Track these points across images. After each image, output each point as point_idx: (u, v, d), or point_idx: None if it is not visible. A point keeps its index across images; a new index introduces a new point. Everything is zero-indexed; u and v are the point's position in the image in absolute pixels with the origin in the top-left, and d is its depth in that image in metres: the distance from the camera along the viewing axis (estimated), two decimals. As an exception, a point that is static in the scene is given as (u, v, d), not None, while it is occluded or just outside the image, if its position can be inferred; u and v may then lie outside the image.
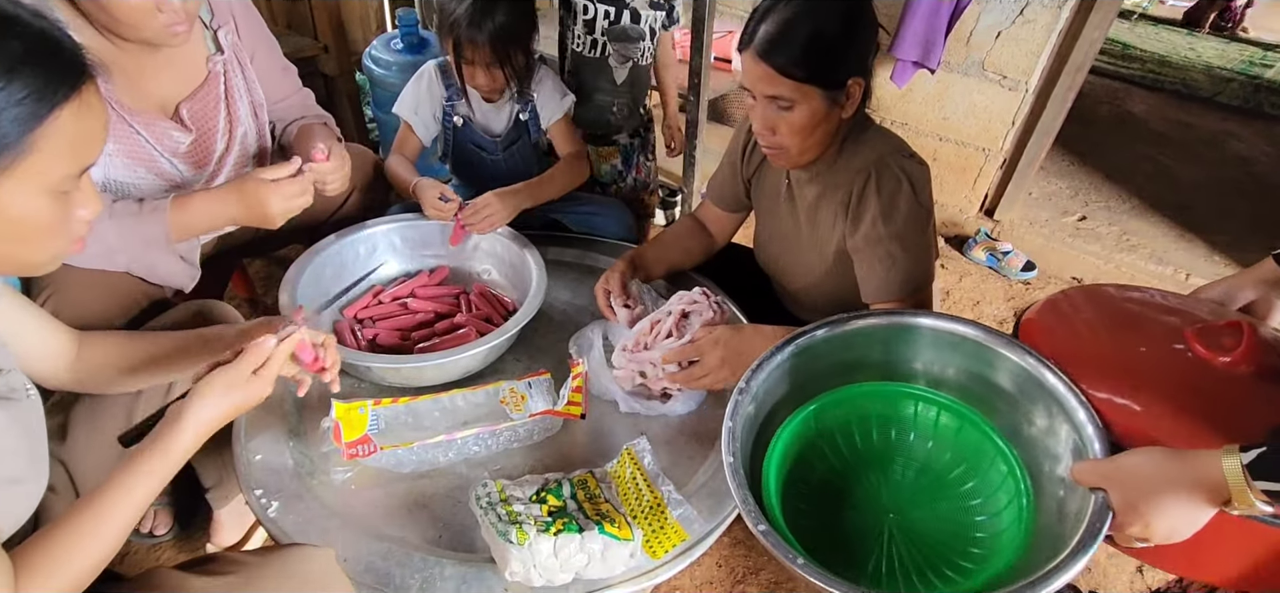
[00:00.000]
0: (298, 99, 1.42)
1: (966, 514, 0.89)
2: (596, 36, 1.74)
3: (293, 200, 1.17)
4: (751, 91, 1.10)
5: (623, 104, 1.85)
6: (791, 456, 0.93)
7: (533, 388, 1.15)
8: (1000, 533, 0.82)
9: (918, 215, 1.13)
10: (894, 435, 0.98)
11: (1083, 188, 2.82)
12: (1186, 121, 3.57)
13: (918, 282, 1.14)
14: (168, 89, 1.20)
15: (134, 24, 1.05)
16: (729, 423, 0.88)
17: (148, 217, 1.11)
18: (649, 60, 1.84)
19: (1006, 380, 0.93)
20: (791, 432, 0.92)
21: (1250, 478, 0.65)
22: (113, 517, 0.71)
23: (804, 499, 0.92)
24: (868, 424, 0.98)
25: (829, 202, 1.22)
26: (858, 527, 0.91)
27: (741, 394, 0.92)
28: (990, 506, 0.88)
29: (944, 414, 0.94)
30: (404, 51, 2.32)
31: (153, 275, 1.15)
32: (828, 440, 0.97)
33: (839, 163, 1.19)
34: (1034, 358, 0.89)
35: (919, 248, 1.13)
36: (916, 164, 1.14)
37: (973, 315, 2.19)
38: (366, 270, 1.40)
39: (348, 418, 1.05)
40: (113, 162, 1.15)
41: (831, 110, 1.09)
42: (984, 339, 0.94)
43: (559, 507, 0.93)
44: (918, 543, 0.88)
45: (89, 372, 0.93)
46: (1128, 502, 0.73)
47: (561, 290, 1.45)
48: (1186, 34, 5.13)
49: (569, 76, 1.83)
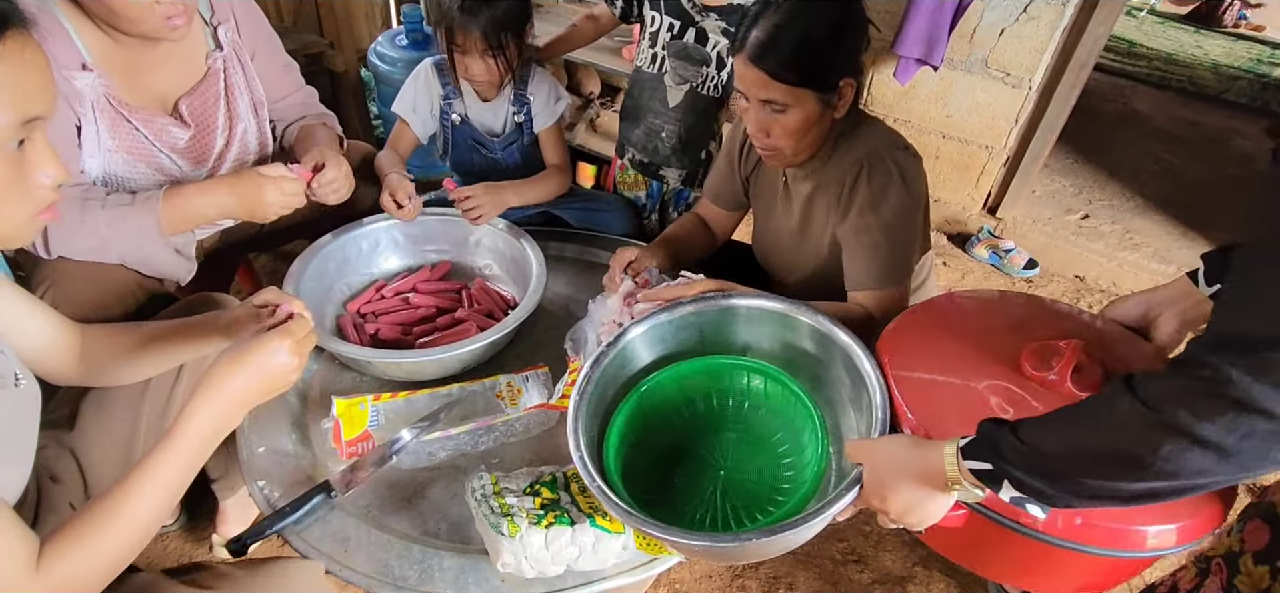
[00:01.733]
0: (299, 97, 1.44)
1: (779, 467, 1.02)
2: (657, 51, 1.63)
3: (288, 197, 1.19)
4: (744, 95, 1.11)
5: (673, 132, 1.70)
6: (637, 424, 1.04)
7: (529, 382, 1.17)
8: (803, 481, 0.92)
9: (906, 206, 1.14)
10: (731, 403, 1.09)
11: (1086, 186, 2.81)
12: (1192, 119, 3.56)
13: (898, 274, 1.15)
14: (167, 84, 1.21)
15: (132, 18, 1.06)
16: (575, 397, 0.98)
17: (140, 208, 1.13)
18: (713, 92, 1.65)
19: (810, 344, 1.07)
20: (633, 405, 1.03)
21: (961, 460, 0.71)
22: (125, 510, 0.70)
23: (648, 461, 1.04)
24: (710, 395, 1.09)
25: (823, 196, 1.23)
26: (692, 484, 1.03)
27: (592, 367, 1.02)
28: (799, 459, 1.00)
29: (768, 382, 1.05)
30: (409, 48, 2.33)
31: (148, 268, 1.17)
32: (675, 410, 1.08)
33: (833, 159, 1.20)
34: (828, 320, 1.02)
35: (904, 240, 1.15)
36: (909, 156, 1.16)
37: (974, 313, 2.19)
38: (370, 266, 1.41)
39: (349, 415, 1.06)
40: (112, 157, 1.17)
41: (824, 112, 1.10)
42: (788, 310, 1.06)
43: (552, 499, 0.94)
44: (738, 494, 1.01)
45: (93, 362, 0.94)
46: (875, 480, 0.80)
47: (562, 285, 1.46)
48: (1194, 31, 5.10)
49: (626, 94, 1.77)
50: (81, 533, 0.68)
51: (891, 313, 1.15)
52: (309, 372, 1.22)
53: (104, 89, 1.13)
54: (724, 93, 1.68)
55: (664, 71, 1.65)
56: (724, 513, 0.98)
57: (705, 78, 1.64)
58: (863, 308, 1.17)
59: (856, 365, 0.97)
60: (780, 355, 1.09)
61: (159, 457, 0.72)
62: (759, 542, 0.81)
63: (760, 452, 1.05)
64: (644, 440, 1.05)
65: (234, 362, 0.77)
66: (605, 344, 1.05)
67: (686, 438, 1.08)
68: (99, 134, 1.15)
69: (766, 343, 1.11)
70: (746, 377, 1.07)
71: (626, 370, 1.08)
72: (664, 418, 1.08)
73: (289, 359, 0.80)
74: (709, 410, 1.09)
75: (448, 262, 1.45)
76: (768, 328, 1.10)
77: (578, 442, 0.92)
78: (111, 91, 1.14)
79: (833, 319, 1.02)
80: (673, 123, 1.70)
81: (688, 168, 1.77)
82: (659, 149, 1.74)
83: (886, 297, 1.16)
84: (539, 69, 1.61)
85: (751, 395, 1.08)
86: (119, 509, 0.70)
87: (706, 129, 1.73)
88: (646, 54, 1.67)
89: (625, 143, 1.82)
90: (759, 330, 1.11)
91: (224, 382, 0.76)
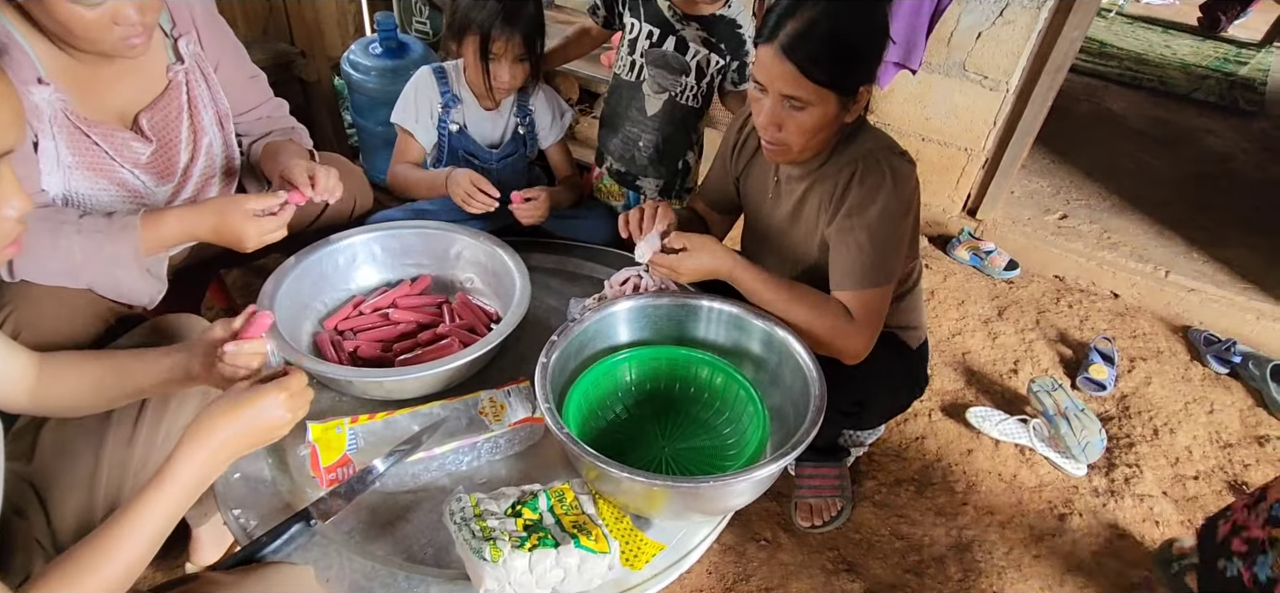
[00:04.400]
0: (267, 109, 1.39)
1: (722, 441, 1.15)
2: (636, 58, 1.62)
3: (268, 235, 1.16)
4: (763, 85, 1.09)
5: (650, 142, 1.69)
6: (593, 398, 1.14)
7: (512, 396, 1.14)
8: (746, 447, 1.07)
9: (894, 210, 1.13)
10: (677, 388, 1.20)
11: (1064, 186, 2.84)
12: (1164, 118, 3.62)
13: (880, 277, 1.15)
14: (126, 99, 1.17)
15: (89, 38, 1.01)
16: (543, 357, 1.07)
17: (117, 234, 1.08)
18: (693, 102, 1.64)
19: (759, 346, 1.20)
20: (590, 380, 1.13)
21: None
22: (111, 555, 0.69)
23: (598, 432, 1.15)
24: (660, 380, 1.21)
25: (815, 196, 1.22)
26: (639, 457, 1.14)
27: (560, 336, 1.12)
28: (740, 432, 1.13)
29: (717, 374, 1.17)
30: (383, 56, 2.29)
31: (117, 293, 1.12)
32: (627, 390, 1.20)
33: (830, 159, 1.19)
34: (769, 322, 1.16)
35: (889, 242, 1.14)
36: (903, 161, 1.16)
37: (957, 315, 2.20)
38: (348, 281, 1.37)
39: (325, 439, 1.03)
40: (73, 175, 1.12)
41: (839, 114, 1.11)
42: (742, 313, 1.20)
43: (535, 520, 0.92)
44: (684, 464, 1.13)
45: (51, 395, 0.89)
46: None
47: (546, 296, 1.43)
48: (1162, 31, 5.20)
49: (605, 103, 1.77)
50: (67, 578, 0.66)
51: (872, 314, 1.15)
52: (285, 393, 1.17)
53: (61, 104, 1.08)
54: (704, 103, 1.66)
55: (642, 79, 1.63)
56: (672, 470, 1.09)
57: (684, 87, 1.62)
58: (841, 305, 1.16)
59: (799, 365, 1.10)
60: (732, 351, 1.22)
61: (144, 503, 0.71)
62: (709, 487, 0.94)
63: (703, 433, 1.17)
64: (597, 414, 1.15)
65: (226, 414, 0.76)
66: (573, 320, 1.15)
67: (637, 418, 1.19)
68: (58, 150, 1.10)
69: (722, 339, 1.23)
70: (696, 367, 1.18)
71: (589, 348, 1.18)
72: (617, 397, 1.18)
73: (282, 414, 0.79)
74: (658, 395, 1.20)
75: (427, 275, 1.42)
76: (723, 327, 1.23)
77: (546, 393, 1.00)
78: (68, 107, 1.09)
79: (782, 324, 1.14)
80: (651, 132, 1.68)
81: (665, 178, 1.75)
82: (636, 159, 1.73)
83: (868, 297, 1.15)
84: (538, 81, 1.63)
85: (700, 383, 1.19)
86: (105, 555, 0.68)
87: (684, 139, 1.72)
88: (625, 61, 1.65)
89: (603, 151, 1.81)
90: (715, 328, 1.23)
91: (214, 433, 0.75)
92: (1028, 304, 2.27)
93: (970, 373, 1.98)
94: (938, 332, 2.12)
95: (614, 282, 1.31)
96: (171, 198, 1.28)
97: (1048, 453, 1.73)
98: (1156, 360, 2.08)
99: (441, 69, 1.59)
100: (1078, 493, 1.66)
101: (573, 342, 1.13)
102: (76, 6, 0.97)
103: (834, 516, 1.51)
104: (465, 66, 1.55)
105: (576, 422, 1.08)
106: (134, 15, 1.02)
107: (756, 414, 1.09)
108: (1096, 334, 2.15)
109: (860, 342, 1.17)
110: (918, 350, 1.42)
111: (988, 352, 2.07)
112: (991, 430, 1.76)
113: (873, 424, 1.66)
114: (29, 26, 1.04)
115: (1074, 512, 1.61)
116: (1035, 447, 1.74)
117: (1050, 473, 1.71)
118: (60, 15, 0.98)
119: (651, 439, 1.16)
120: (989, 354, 2.06)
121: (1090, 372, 1.95)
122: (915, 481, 1.66)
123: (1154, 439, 1.82)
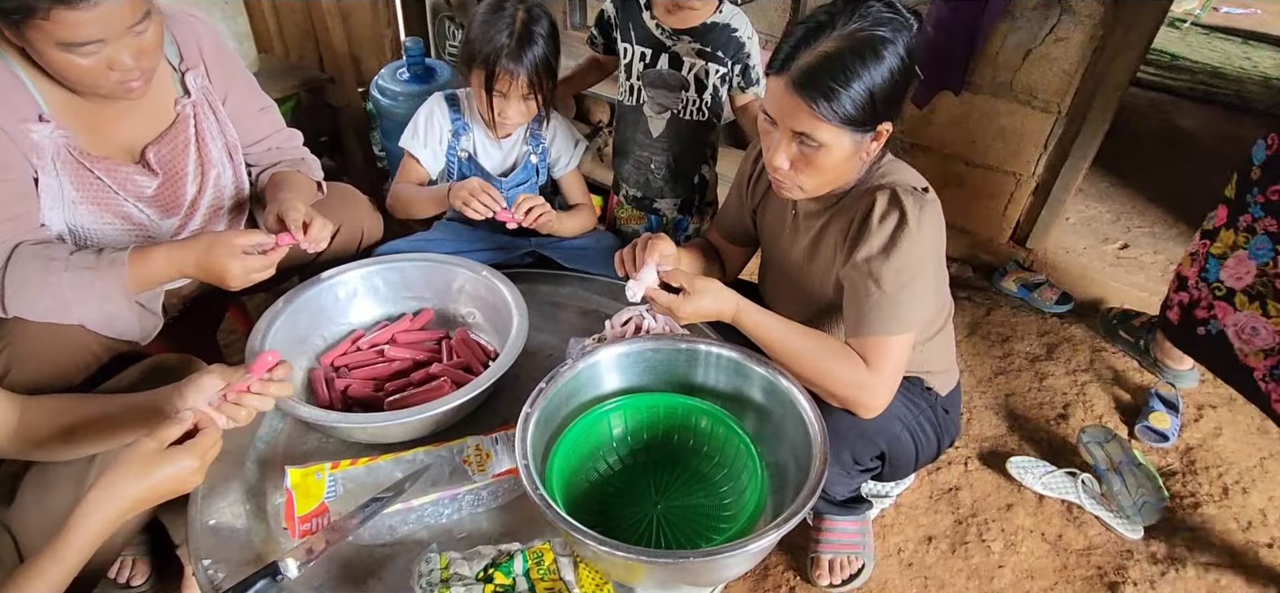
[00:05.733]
0: (277, 140, 1.39)
1: (719, 500, 1.07)
2: (633, 81, 1.60)
3: (253, 274, 1.13)
4: (773, 119, 1.02)
5: (662, 163, 1.67)
6: (583, 449, 1.08)
7: (500, 444, 1.09)
8: (741, 519, 0.96)
9: (917, 253, 1.04)
10: (675, 439, 1.13)
11: (1125, 212, 2.65)
12: (1239, 135, 3.34)
13: (898, 324, 1.04)
14: (133, 133, 1.18)
15: (85, 84, 1.02)
16: (527, 408, 1.00)
17: (105, 270, 1.08)
18: (698, 115, 1.60)
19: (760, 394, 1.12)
20: (579, 431, 1.06)
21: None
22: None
23: (587, 487, 1.09)
24: (656, 430, 1.13)
25: (833, 231, 1.14)
26: (629, 515, 1.06)
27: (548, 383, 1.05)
28: (737, 491, 1.05)
29: (714, 423, 1.09)
30: (410, 81, 2.30)
31: (109, 329, 1.12)
32: (620, 441, 1.13)
33: (849, 194, 1.11)
34: (771, 369, 1.08)
35: (910, 288, 1.04)
36: (927, 200, 1.06)
37: (1001, 353, 2.05)
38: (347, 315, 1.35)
39: (304, 485, 0.99)
40: (77, 209, 1.13)
41: (856, 153, 1.02)
42: (742, 359, 1.11)
43: (507, 586, 0.86)
44: (675, 528, 1.05)
45: (32, 439, 0.89)
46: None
47: (547, 335, 1.38)
48: (1242, 42, 4.85)
49: (615, 132, 1.74)
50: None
51: (891, 366, 1.06)
52: (274, 432, 1.15)
53: (64, 140, 1.09)
54: (711, 114, 1.62)
55: (643, 102, 1.62)
56: (660, 544, 1.02)
57: (685, 102, 1.59)
58: (858, 356, 1.07)
59: (802, 418, 1.01)
60: (734, 398, 1.14)
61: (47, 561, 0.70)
62: (695, 563, 0.86)
63: (700, 489, 1.09)
64: (586, 467, 1.09)
65: (134, 478, 0.75)
66: (568, 362, 1.08)
67: (630, 469, 1.12)
68: (61, 186, 1.11)
69: (723, 386, 1.15)
70: (694, 417, 1.11)
71: (581, 395, 1.11)
72: (608, 448, 1.12)
73: (191, 463, 0.79)
74: (654, 445, 1.13)
75: (429, 310, 1.39)
76: (724, 373, 1.14)
77: (525, 450, 0.93)
78: (72, 142, 1.10)
79: (785, 373, 1.06)
80: (660, 152, 1.66)
81: (682, 195, 1.73)
82: (650, 182, 1.71)
83: (887, 346, 1.05)
84: (554, 112, 1.60)
85: (699, 435, 1.12)
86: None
87: (698, 154, 1.68)
88: (624, 86, 1.64)
89: (619, 179, 1.79)
90: (715, 373, 1.15)
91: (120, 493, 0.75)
92: (1081, 343, 2.10)
93: (1013, 418, 1.84)
94: (978, 371, 1.98)
95: (615, 322, 1.25)
96: (178, 230, 1.28)
97: (1098, 512, 1.57)
98: (1228, 409, 1.89)
99: (454, 96, 1.59)
100: (1132, 559, 1.51)
101: (562, 389, 1.07)
102: (71, 56, 0.98)
103: (855, 574, 1.41)
104: (474, 96, 1.52)
105: (563, 475, 1.02)
106: (129, 61, 1.02)
107: (754, 474, 1.01)
108: (1158, 378, 1.97)
109: (878, 398, 1.07)
110: (948, 396, 1.31)
111: (1034, 394, 1.91)
112: (1035, 484, 1.62)
113: (899, 478, 1.54)
114: (32, 66, 1.05)
115: (1127, 581, 1.46)
116: (1084, 504, 1.59)
117: (1101, 535, 1.55)
118: (55, 62, 0.99)
119: (644, 495, 1.09)
120: (1035, 397, 1.90)
121: (1151, 420, 1.78)
122: (947, 537, 1.53)
123: (1223, 500, 1.64)
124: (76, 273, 1.06)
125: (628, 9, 1.56)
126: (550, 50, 1.43)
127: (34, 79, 1.06)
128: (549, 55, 1.42)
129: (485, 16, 1.39)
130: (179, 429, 0.81)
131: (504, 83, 1.40)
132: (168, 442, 0.79)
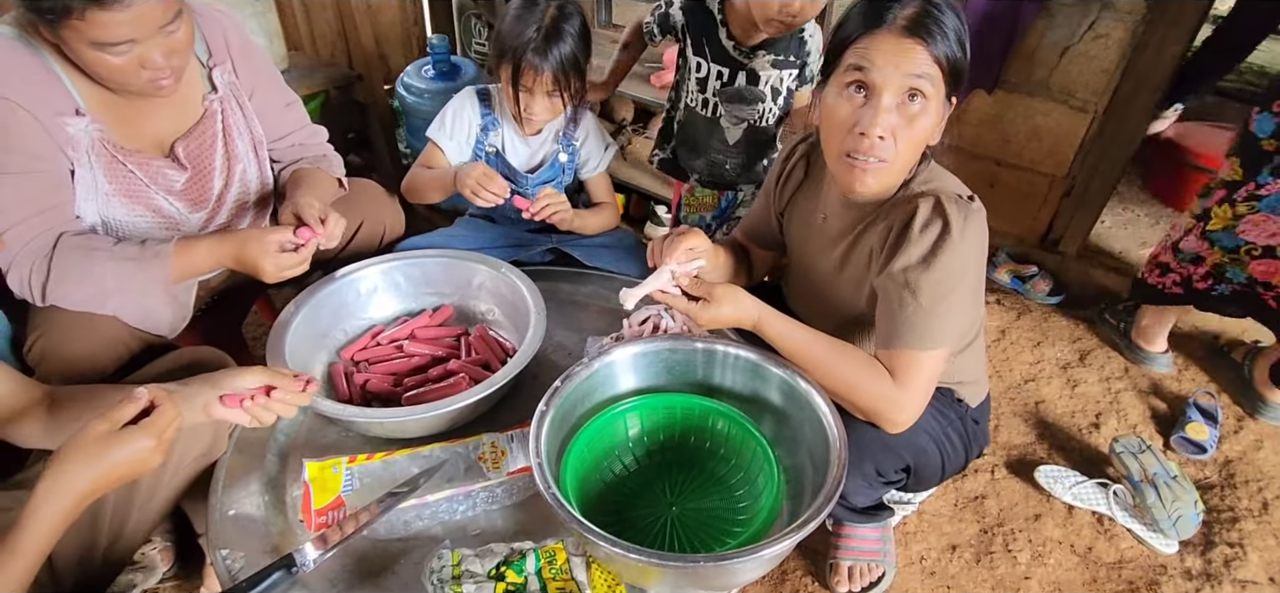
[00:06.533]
0: (301, 136, 1.41)
1: (734, 503, 1.06)
2: (708, 96, 1.62)
3: (287, 270, 1.16)
4: (873, 84, 0.97)
5: (737, 164, 1.73)
6: (597, 449, 1.07)
7: (515, 442, 1.09)
8: (756, 522, 0.98)
9: (959, 266, 1.00)
10: (691, 441, 1.12)
11: (1165, 216, 2.56)
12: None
13: (936, 340, 1.01)
14: (163, 128, 1.20)
15: (117, 81, 1.04)
16: (542, 406, 1.00)
17: (149, 262, 1.11)
18: (771, 121, 1.65)
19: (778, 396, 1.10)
20: (594, 431, 1.05)
21: None
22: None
23: (601, 488, 1.08)
24: (672, 431, 1.13)
25: (868, 241, 1.11)
26: (644, 516, 1.05)
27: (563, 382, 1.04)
28: (753, 494, 1.04)
29: (731, 425, 1.08)
30: (435, 78, 2.32)
31: (142, 321, 1.14)
32: (636, 442, 1.12)
33: (887, 201, 1.09)
34: (790, 371, 1.06)
35: (948, 301, 1.01)
36: (971, 209, 1.02)
37: (1032, 359, 2.00)
38: (367, 310, 1.36)
39: (321, 478, 1.00)
40: (110, 202, 1.16)
41: (936, 127, 1.02)
42: (760, 360, 1.10)
43: (519, 584, 0.86)
44: (690, 529, 1.03)
45: (60, 426, 0.91)
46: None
47: (567, 333, 1.37)
48: (1294, 40, 4.65)
49: (681, 128, 1.75)
50: None
51: (923, 381, 1.03)
52: (294, 425, 1.17)
53: (99, 134, 1.12)
54: (783, 112, 1.66)
55: (719, 115, 1.64)
56: (674, 546, 1.01)
57: (763, 112, 1.62)
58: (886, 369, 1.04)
59: (821, 421, 0.99)
60: (752, 400, 1.12)
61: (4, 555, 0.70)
62: (708, 567, 0.84)
63: (716, 492, 1.08)
64: (601, 466, 1.08)
65: (85, 460, 0.73)
66: (584, 361, 1.08)
67: (646, 470, 1.11)
68: (96, 179, 1.14)
69: (741, 387, 1.14)
70: (711, 418, 1.10)
71: (596, 395, 1.10)
72: (624, 448, 1.11)
73: (147, 443, 0.76)
74: (670, 446, 1.13)
75: (449, 306, 1.39)
76: (742, 375, 1.13)
77: (539, 448, 0.93)
78: (107, 136, 1.13)
79: (804, 375, 1.04)
80: (736, 156, 1.72)
81: (758, 181, 1.78)
82: (724, 177, 1.77)
83: (915, 361, 1.02)
84: (586, 112, 1.61)
85: (715, 436, 1.11)
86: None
87: (770, 146, 1.74)
88: (697, 98, 1.65)
89: (689, 170, 1.80)
90: (732, 375, 1.14)
91: (72, 479, 0.72)
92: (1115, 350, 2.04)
93: (1043, 426, 1.79)
94: (1007, 377, 1.93)
95: (633, 321, 1.24)
96: (205, 224, 1.30)
97: (1131, 524, 1.52)
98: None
99: (486, 91, 1.59)
100: (1166, 575, 1.45)
101: (578, 388, 1.06)
102: (103, 53, 1.00)
103: (875, 581, 1.38)
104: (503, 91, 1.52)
105: (578, 474, 1.01)
106: (160, 60, 1.05)
107: (770, 477, 0.99)
108: (1197, 387, 1.90)
109: (907, 413, 1.04)
110: (978, 407, 1.28)
111: (1065, 402, 1.86)
112: (1064, 494, 1.58)
113: (924, 489, 1.51)
114: (68, 62, 1.08)
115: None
116: (1116, 516, 1.54)
117: (1133, 548, 1.50)
118: (88, 60, 1.01)
119: (659, 496, 1.08)
120: (1066, 405, 1.85)
121: (1188, 431, 1.72)
122: (971, 547, 1.50)
123: (1262, 515, 1.57)
124: (120, 263, 1.09)
125: (703, 26, 1.55)
126: (579, 48, 1.41)
127: (70, 74, 1.08)
128: (577, 53, 1.41)
129: (517, 11, 1.38)
130: (134, 409, 0.78)
131: (529, 78, 1.39)
132: (121, 422, 0.76)
